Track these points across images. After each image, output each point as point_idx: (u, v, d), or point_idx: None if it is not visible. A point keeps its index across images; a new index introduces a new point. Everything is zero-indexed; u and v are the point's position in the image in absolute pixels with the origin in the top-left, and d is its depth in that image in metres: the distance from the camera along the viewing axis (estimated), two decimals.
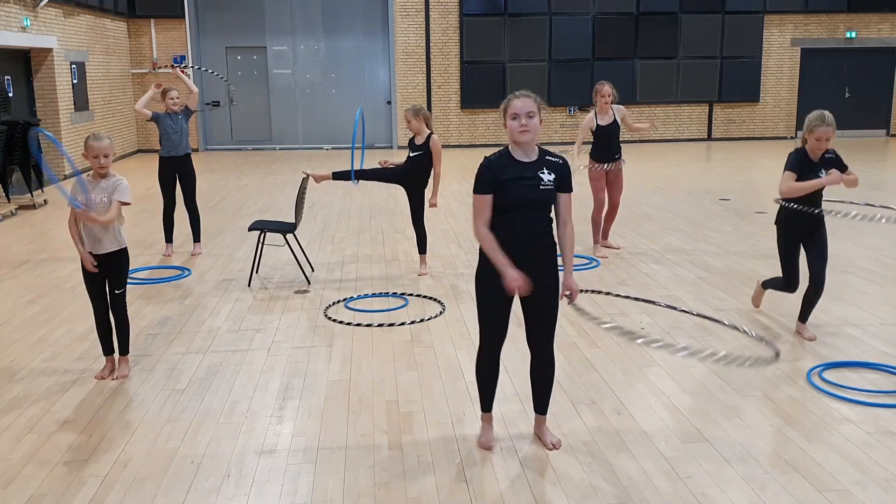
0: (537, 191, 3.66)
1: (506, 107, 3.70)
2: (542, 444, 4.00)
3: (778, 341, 5.42)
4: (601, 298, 6.44)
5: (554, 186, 3.70)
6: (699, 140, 19.21)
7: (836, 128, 5.17)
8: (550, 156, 3.77)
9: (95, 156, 4.72)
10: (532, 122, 3.64)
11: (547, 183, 3.68)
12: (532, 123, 3.64)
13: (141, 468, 3.83)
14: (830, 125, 5.12)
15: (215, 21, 18.44)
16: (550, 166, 3.71)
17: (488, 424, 4.08)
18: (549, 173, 3.69)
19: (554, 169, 3.71)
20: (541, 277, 3.72)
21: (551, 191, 3.70)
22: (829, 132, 5.12)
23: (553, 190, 3.71)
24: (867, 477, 3.66)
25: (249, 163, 16.44)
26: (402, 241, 8.70)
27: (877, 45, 19.27)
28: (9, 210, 10.53)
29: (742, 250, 8.04)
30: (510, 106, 3.67)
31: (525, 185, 3.65)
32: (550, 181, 3.69)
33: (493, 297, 3.77)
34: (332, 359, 5.23)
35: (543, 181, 3.67)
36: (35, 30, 13.00)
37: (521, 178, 3.65)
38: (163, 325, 5.95)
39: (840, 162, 5.29)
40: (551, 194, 3.71)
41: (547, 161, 3.73)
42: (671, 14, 18.43)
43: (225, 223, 9.82)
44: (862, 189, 11.62)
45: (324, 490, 3.62)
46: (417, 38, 18.28)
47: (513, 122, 3.65)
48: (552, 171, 3.70)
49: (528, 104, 3.64)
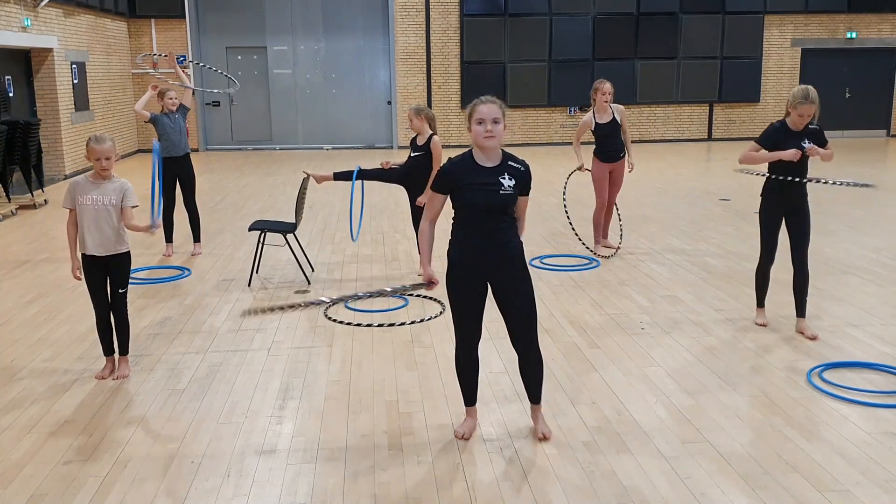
0: (497, 196, 3.75)
1: (471, 111, 3.75)
2: (535, 434, 4.08)
3: (778, 341, 5.43)
4: (601, 298, 6.45)
5: (514, 192, 3.79)
6: (699, 140, 19.21)
7: (819, 105, 5.28)
8: (513, 161, 3.84)
9: (98, 158, 4.72)
10: (497, 128, 3.71)
11: (507, 188, 3.76)
12: (497, 129, 3.71)
13: (141, 468, 3.83)
14: (814, 103, 5.24)
15: (215, 21, 18.44)
16: (512, 172, 3.79)
17: (471, 417, 4.17)
18: (510, 178, 3.77)
19: (515, 175, 3.79)
20: (507, 275, 3.86)
21: (511, 195, 3.78)
22: (812, 109, 5.25)
23: (513, 195, 3.79)
24: (867, 477, 3.65)
25: (250, 163, 16.45)
26: (402, 242, 8.70)
27: (877, 45, 19.28)
28: (9, 210, 10.53)
29: (742, 251, 8.04)
30: (476, 111, 3.73)
31: (485, 190, 3.74)
32: (510, 186, 3.77)
33: (463, 296, 3.90)
34: (333, 359, 5.23)
35: (503, 187, 3.75)
36: (35, 30, 13.00)
37: (481, 183, 3.74)
38: (163, 325, 5.95)
39: (821, 135, 5.40)
40: (511, 199, 3.79)
41: (509, 167, 3.80)
42: (671, 14, 18.43)
43: (225, 223, 9.83)
44: (863, 190, 11.64)
45: (324, 490, 3.62)
46: (418, 38, 18.28)
47: (478, 126, 3.71)
48: (513, 176, 3.78)
49: (493, 110, 3.70)
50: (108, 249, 4.81)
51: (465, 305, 3.91)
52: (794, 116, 5.30)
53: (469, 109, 3.79)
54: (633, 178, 13.01)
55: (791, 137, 5.37)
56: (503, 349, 4.43)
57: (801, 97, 5.23)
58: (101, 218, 4.77)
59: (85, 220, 4.77)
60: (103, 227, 4.77)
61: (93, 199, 4.75)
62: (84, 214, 4.76)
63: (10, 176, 11.17)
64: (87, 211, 4.76)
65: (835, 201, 10.31)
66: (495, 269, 3.84)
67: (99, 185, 4.79)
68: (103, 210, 4.76)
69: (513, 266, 3.86)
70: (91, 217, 4.76)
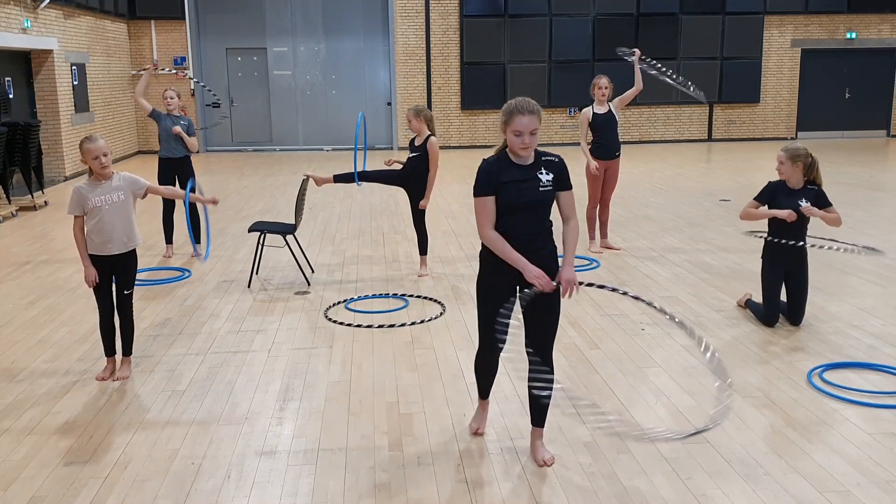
0: (537, 192, 3.64)
1: (508, 119, 3.59)
2: (534, 461, 3.83)
3: (779, 342, 5.43)
4: (601, 298, 6.45)
5: (553, 186, 3.68)
6: (699, 141, 19.21)
7: (815, 165, 5.50)
8: (546, 155, 3.73)
9: (95, 157, 4.71)
10: (534, 139, 3.59)
11: (546, 183, 3.65)
12: (534, 140, 3.59)
13: (141, 469, 3.83)
14: (797, 159, 5.46)
15: (216, 22, 18.45)
16: (548, 165, 3.68)
17: (483, 411, 4.15)
18: (548, 173, 3.66)
19: (551, 168, 3.68)
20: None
21: (550, 191, 3.67)
22: (788, 167, 5.47)
23: (552, 190, 3.67)
24: (867, 478, 3.65)
25: (250, 164, 16.45)
26: (402, 242, 8.71)
27: (877, 45, 19.28)
28: (9, 211, 10.53)
29: (742, 251, 8.03)
30: (514, 121, 3.56)
31: (524, 187, 3.62)
32: (549, 181, 3.66)
33: (493, 301, 3.71)
34: (333, 360, 5.23)
35: (542, 182, 3.64)
36: (35, 31, 13.01)
37: (519, 180, 3.62)
38: (163, 327, 5.95)
39: (821, 196, 5.51)
40: (550, 194, 3.68)
41: (544, 161, 3.70)
42: (671, 15, 18.44)
43: (225, 224, 9.83)
44: (863, 190, 11.65)
45: (324, 491, 3.62)
46: (418, 39, 18.29)
47: (516, 138, 3.58)
48: (550, 170, 3.67)
49: (532, 122, 3.55)
50: (129, 245, 4.86)
51: (493, 311, 3.68)
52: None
53: (505, 116, 3.60)
54: (633, 179, 13.05)
55: (788, 195, 5.48)
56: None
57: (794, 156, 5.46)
58: (116, 216, 4.78)
59: (105, 222, 4.75)
60: (117, 224, 4.78)
61: (103, 201, 4.75)
62: (101, 217, 4.74)
63: (10, 177, 11.18)
64: (103, 213, 4.74)
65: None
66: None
67: (101, 185, 4.79)
68: (119, 206, 4.78)
69: (546, 272, 3.65)
70: (108, 218, 4.75)
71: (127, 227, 4.83)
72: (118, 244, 4.81)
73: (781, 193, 5.51)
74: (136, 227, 4.92)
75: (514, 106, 3.60)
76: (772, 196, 5.54)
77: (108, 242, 4.78)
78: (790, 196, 5.48)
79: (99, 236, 4.77)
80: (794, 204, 5.44)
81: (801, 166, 5.45)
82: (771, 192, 5.57)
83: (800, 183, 5.50)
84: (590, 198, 8.16)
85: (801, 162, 5.44)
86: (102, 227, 4.76)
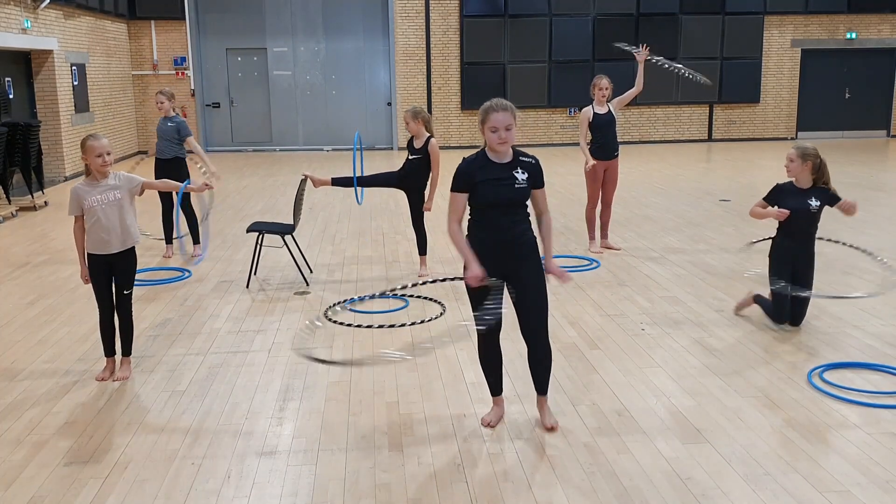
0: (512, 189, 3.91)
1: (484, 118, 3.89)
2: (542, 424, 4.16)
3: (779, 342, 5.43)
4: (601, 298, 6.45)
5: (528, 185, 3.94)
6: (699, 141, 19.21)
7: (821, 163, 5.52)
8: (523, 156, 4.01)
9: (99, 154, 4.73)
10: (509, 134, 3.87)
11: (521, 182, 3.92)
12: (510, 135, 3.87)
13: (141, 470, 3.83)
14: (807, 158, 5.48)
15: (216, 22, 18.45)
16: (524, 166, 3.96)
17: (498, 407, 4.28)
18: (523, 173, 3.94)
19: (527, 168, 3.96)
20: (522, 268, 3.98)
21: (525, 189, 3.94)
22: (798, 164, 5.50)
23: (527, 188, 3.95)
24: (868, 478, 3.65)
25: (250, 164, 16.44)
26: (402, 243, 8.71)
27: (877, 45, 19.27)
28: (9, 212, 10.53)
29: (742, 251, 8.03)
30: (489, 119, 3.86)
31: (501, 185, 3.90)
32: (524, 180, 3.93)
33: (480, 290, 3.95)
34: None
35: (518, 180, 3.92)
36: (36, 31, 13.01)
37: (496, 178, 3.90)
38: (163, 327, 5.95)
39: (833, 197, 5.52)
40: (525, 192, 3.95)
41: (521, 161, 3.97)
42: (671, 15, 18.44)
43: (225, 225, 9.83)
44: (863, 190, 11.65)
45: (324, 491, 3.62)
46: (418, 39, 18.29)
47: (492, 134, 3.87)
48: (525, 170, 3.95)
49: (506, 118, 3.85)
50: (126, 244, 4.87)
51: (481, 294, 3.97)
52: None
53: (482, 116, 3.91)
54: (633, 179, 13.04)
55: (795, 195, 5.54)
56: (504, 349, 4.42)
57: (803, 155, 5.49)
58: (114, 214, 4.79)
59: (101, 222, 4.76)
60: (115, 222, 4.79)
61: (99, 200, 4.76)
62: (97, 216, 4.76)
63: (10, 178, 11.18)
64: (100, 212, 4.76)
65: None
66: (511, 262, 3.96)
67: (99, 185, 4.80)
68: (114, 206, 4.78)
69: (528, 259, 3.99)
70: (106, 217, 4.77)
71: (125, 225, 4.84)
72: (117, 242, 4.82)
73: (788, 194, 5.54)
74: (135, 225, 4.92)
75: (489, 105, 3.92)
76: (778, 197, 5.59)
77: (107, 241, 4.79)
78: (798, 196, 5.50)
79: (98, 235, 4.79)
80: (801, 204, 5.47)
81: (810, 165, 5.46)
82: (777, 193, 5.61)
83: (808, 182, 5.51)
84: (589, 198, 8.16)
85: (811, 161, 5.45)
86: (101, 226, 4.78)
